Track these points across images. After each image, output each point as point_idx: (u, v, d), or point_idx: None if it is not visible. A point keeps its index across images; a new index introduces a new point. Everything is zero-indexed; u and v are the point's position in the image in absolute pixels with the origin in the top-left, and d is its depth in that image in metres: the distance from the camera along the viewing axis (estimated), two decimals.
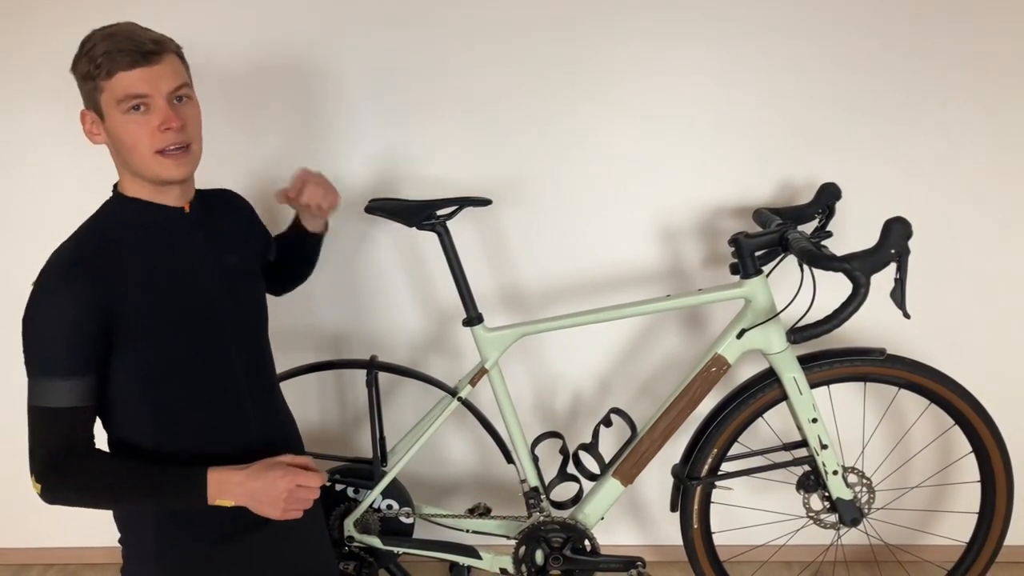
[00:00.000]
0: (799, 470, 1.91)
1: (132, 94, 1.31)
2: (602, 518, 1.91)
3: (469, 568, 1.98)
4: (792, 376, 1.79)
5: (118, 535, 1.48)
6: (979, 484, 1.96)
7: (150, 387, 1.39)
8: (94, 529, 2.40)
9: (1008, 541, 1.98)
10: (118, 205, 1.41)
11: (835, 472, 1.84)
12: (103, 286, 1.31)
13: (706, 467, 1.89)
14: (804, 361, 1.82)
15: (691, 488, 1.91)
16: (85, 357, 1.31)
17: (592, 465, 1.91)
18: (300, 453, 1.63)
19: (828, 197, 1.90)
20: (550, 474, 1.93)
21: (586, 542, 1.90)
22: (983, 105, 1.98)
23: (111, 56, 1.29)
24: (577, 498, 1.94)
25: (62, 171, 2.10)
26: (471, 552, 1.93)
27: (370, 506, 1.92)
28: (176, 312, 1.39)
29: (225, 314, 1.47)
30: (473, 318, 1.83)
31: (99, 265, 1.33)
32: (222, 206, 1.56)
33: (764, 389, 1.84)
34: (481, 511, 2.01)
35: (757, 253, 1.74)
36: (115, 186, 1.44)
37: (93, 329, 1.31)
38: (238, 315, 1.50)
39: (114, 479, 1.34)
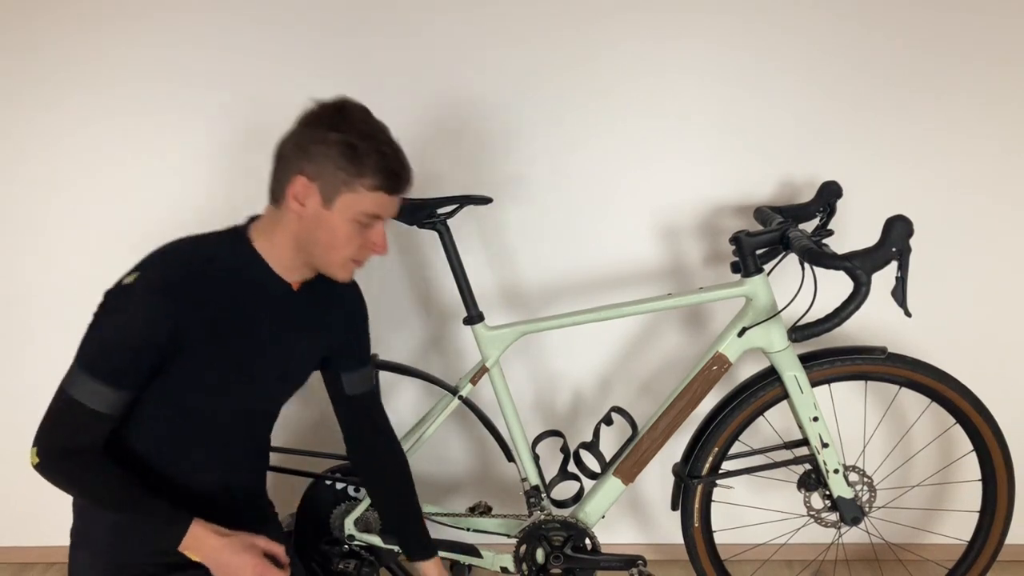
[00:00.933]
0: (800, 469, 1.90)
1: (374, 215, 1.35)
2: (603, 517, 1.91)
3: (470, 567, 1.98)
4: (793, 374, 1.79)
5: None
6: (980, 483, 1.96)
7: (167, 415, 1.40)
8: None
9: (1009, 540, 1.97)
10: (243, 250, 1.40)
11: (836, 471, 1.84)
12: (187, 316, 1.31)
13: (707, 466, 1.89)
14: (805, 359, 1.82)
15: (692, 487, 1.91)
16: (139, 375, 1.32)
17: (593, 464, 1.90)
18: (261, 502, 1.65)
19: (829, 195, 1.90)
20: (551, 473, 1.93)
21: (587, 541, 1.90)
22: (985, 103, 1.98)
23: (382, 176, 1.32)
24: (578, 497, 1.94)
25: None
26: (472, 551, 1.92)
27: (370, 504, 1.92)
28: (227, 368, 1.41)
29: (264, 386, 1.50)
30: (474, 316, 1.83)
31: (196, 295, 1.33)
32: (333, 298, 1.55)
33: (765, 388, 1.84)
34: (482, 510, 2.01)
35: (758, 251, 1.74)
36: (249, 226, 1.42)
37: (157, 351, 1.31)
38: (274, 390, 1.54)
39: (108, 489, 1.35)
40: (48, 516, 2.40)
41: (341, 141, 1.30)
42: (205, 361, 1.37)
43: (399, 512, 1.73)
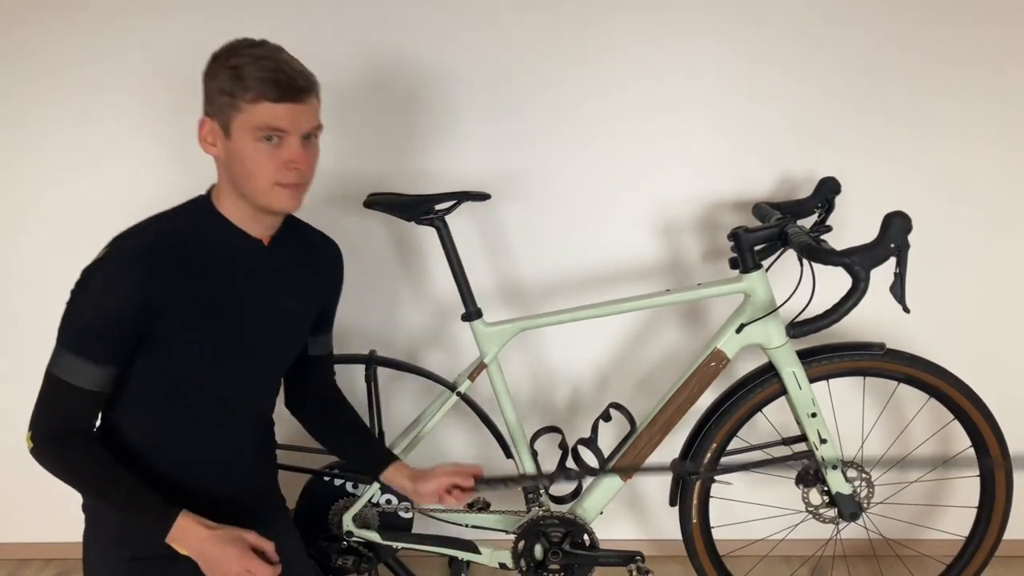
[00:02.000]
0: (798, 465, 1.90)
1: (272, 126, 1.31)
2: (601, 512, 1.91)
3: (468, 563, 1.98)
4: (791, 371, 1.79)
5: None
6: (978, 478, 1.96)
7: (160, 393, 1.41)
8: None
9: (1007, 535, 1.98)
10: (205, 214, 1.41)
11: (834, 466, 1.84)
12: (159, 286, 1.32)
13: (705, 461, 1.89)
14: (803, 356, 1.82)
15: (690, 483, 1.91)
16: (117, 348, 1.33)
17: (591, 460, 1.90)
18: (276, 502, 1.67)
19: (827, 191, 1.90)
20: (549, 468, 1.93)
21: (585, 536, 1.90)
22: (984, 99, 1.97)
23: (260, 83, 1.29)
24: (576, 493, 1.94)
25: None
26: (470, 547, 1.92)
27: (369, 501, 1.92)
28: (212, 335, 1.40)
29: (260, 351, 1.49)
30: (472, 313, 1.83)
31: (164, 266, 1.33)
32: (308, 251, 1.55)
33: (763, 384, 1.84)
34: (480, 506, 2.01)
35: (756, 247, 1.74)
36: (209, 193, 1.43)
37: (135, 324, 1.32)
38: (271, 354, 1.53)
39: (100, 476, 1.36)
40: (45, 512, 2.40)
41: (220, 68, 1.31)
42: (189, 330, 1.37)
43: (358, 442, 1.71)
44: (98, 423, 1.44)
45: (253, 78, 1.29)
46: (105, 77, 2.02)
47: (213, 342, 1.41)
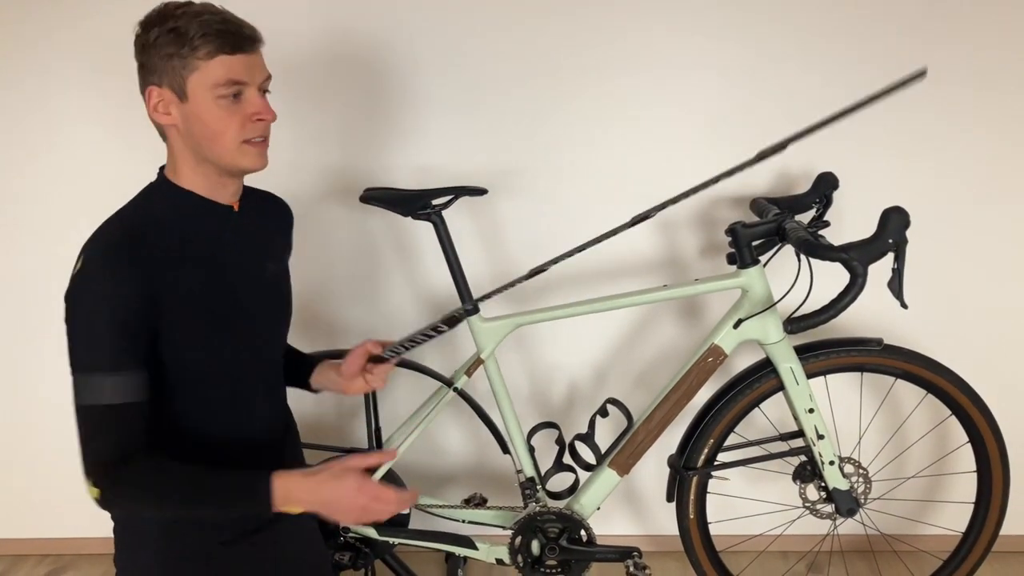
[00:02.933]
0: (795, 460, 1.91)
1: (233, 80, 1.27)
2: (598, 508, 1.91)
3: (465, 558, 1.98)
4: (789, 366, 1.79)
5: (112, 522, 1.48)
6: (975, 474, 1.96)
7: (181, 378, 1.34)
8: (89, 520, 2.40)
9: (1004, 530, 1.98)
10: (168, 194, 1.35)
11: (831, 462, 1.84)
12: (150, 273, 1.25)
13: (702, 457, 1.89)
14: (801, 351, 1.82)
15: (687, 478, 1.91)
16: (134, 348, 1.25)
17: (588, 455, 1.90)
18: (296, 444, 1.64)
19: (825, 187, 1.89)
20: (546, 464, 1.93)
21: (582, 532, 1.90)
22: (982, 95, 1.97)
23: (211, 38, 1.24)
24: (573, 488, 1.94)
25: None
26: (467, 542, 1.92)
27: None
28: (215, 308, 1.35)
29: (261, 316, 1.46)
30: (469, 308, 1.82)
31: (146, 251, 1.27)
32: (268, 210, 1.53)
33: (761, 379, 1.84)
34: (477, 501, 2.01)
35: (754, 243, 1.74)
36: (162, 173, 1.37)
37: (142, 319, 1.24)
38: (270, 317, 1.49)
39: (174, 488, 1.27)
40: (41, 508, 2.40)
41: (160, 33, 1.25)
42: (190, 311, 1.31)
43: (290, 363, 1.65)
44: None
45: (203, 35, 1.24)
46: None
47: (216, 319, 1.35)
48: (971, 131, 2.00)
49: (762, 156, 1.35)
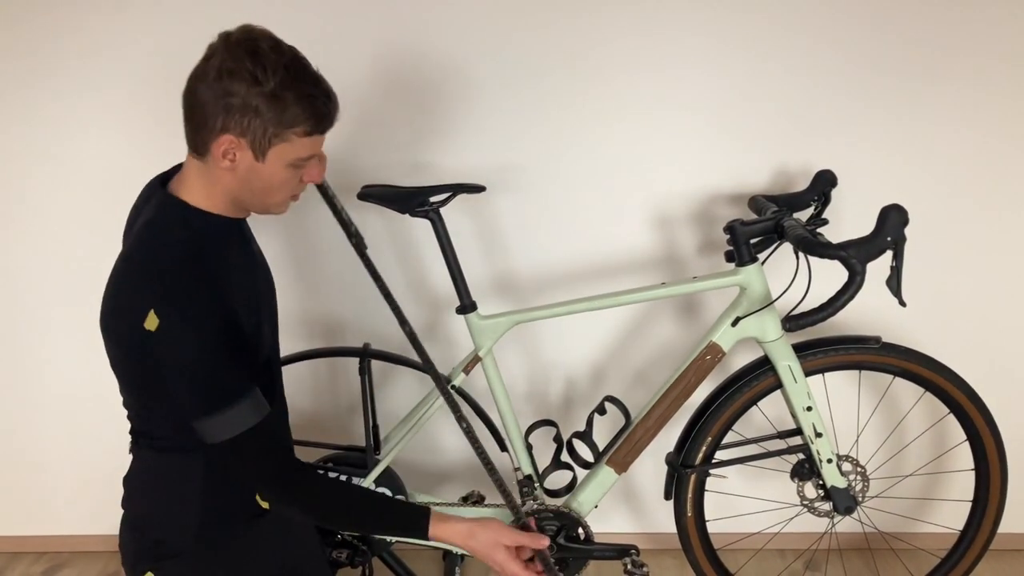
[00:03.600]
0: (793, 458, 1.90)
1: (313, 155, 1.32)
2: (596, 506, 1.91)
3: (462, 556, 1.98)
4: (787, 364, 1.79)
5: (116, 526, 1.48)
6: (973, 472, 1.96)
7: (257, 372, 1.39)
8: (86, 518, 2.40)
9: (1001, 529, 1.98)
10: (199, 218, 1.33)
11: (829, 460, 1.84)
12: (221, 297, 1.28)
13: (700, 455, 1.89)
14: (799, 349, 1.82)
15: (685, 476, 1.90)
16: (243, 366, 1.30)
17: (586, 453, 1.90)
18: None
19: (824, 184, 1.89)
20: (544, 462, 1.93)
21: (580, 530, 1.90)
22: (980, 93, 1.97)
23: (312, 121, 1.27)
24: (571, 486, 1.93)
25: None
26: None
27: None
28: (260, 304, 1.41)
29: (274, 303, 1.50)
30: (467, 305, 1.82)
31: (207, 283, 1.28)
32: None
33: (759, 377, 1.84)
34: (475, 499, 2.01)
35: (752, 240, 1.73)
36: (176, 195, 1.33)
37: (235, 337, 1.29)
38: (275, 313, 1.53)
39: (346, 506, 1.39)
40: (37, 506, 2.39)
41: (264, 94, 1.22)
42: (250, 311, 1.36)
43: None
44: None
45: (307, 115, 1.26)
46: (102, 73, 2.01)
47: (262, 313, 1.41)
48: (970, 129, 1.99)
49: None
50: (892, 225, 1.52)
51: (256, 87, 1.22)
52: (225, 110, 1.23)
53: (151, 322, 1.22)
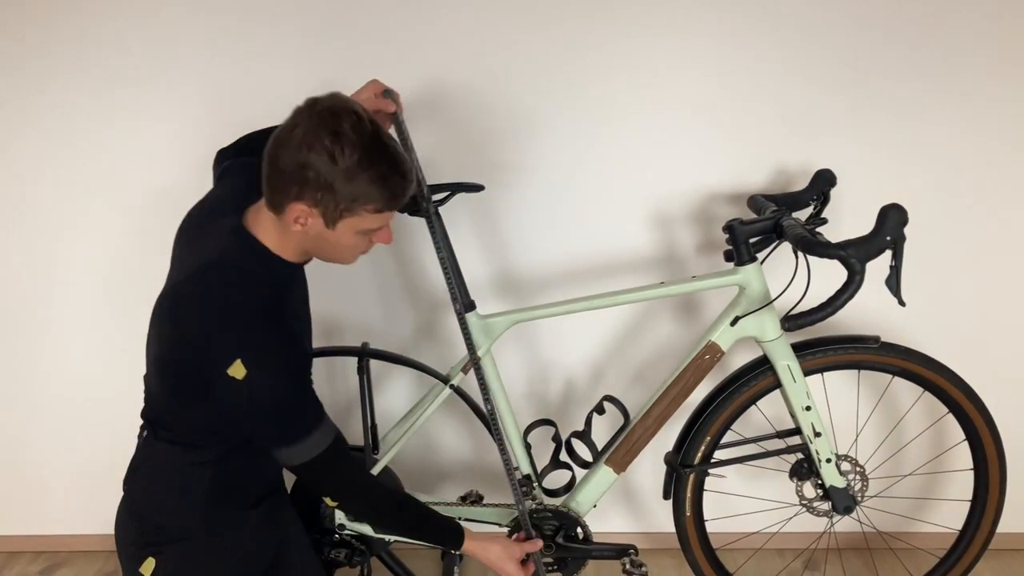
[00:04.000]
0: (792, 458, 1.90)
1: (383, 225, 1.40)
2: (595, 506, 1.91)
3: (461, 556, 1.97)
4: (786, 364, 1.79)
5: (114, 525, 1.48)
6: (972, 472, 1.96)
7: None
8: (83, 517, 2.39)
9: (1000, 528, 1.98)
10: (278, 265, 1.44)
11: (828, 460, 1.84)
12: (293, 335, 1.46)
13: (699, 455, 1.89)
14: (798, 349, 1.82)
15: (684, 476, 1.90)
16: (314, 392, 1.45)
17: (585, 453, 1.90)
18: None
19: (823, 184, 1.88)
20: (542, 462, 1.92)
21: (579, 530, 1.90)
22: (980, 93, 1.97)
23: (386, 202, 1.34)
24: (570, 486, 1.93)
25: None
26: None
27: None
28: (309, 336, 1.63)
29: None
30: (465, 305, 1.81)
31: (285, 327, 1.42)
32: None
33: (758, 377, 1.83)
34: (473, 499, 2.01)
35: (751, 240, 1.73)
36: (256, 229, 1.42)
37: (308, 370, 1.47)
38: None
39: (400, 517, 1.60)
40: (35, 505, 2.39)
41: (340, 172, 1.29)
42: (308, 345, 1.62)
43: None
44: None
45: (380, 195, 1.33)
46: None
47: (309, 342, 1.62)
48: (970, 129, 1.99)
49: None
50: (891, 224, 1.52)
51: (333, 165, 1.28)
52: (301, 182, 1.30)
53: (237, 371, 1.31)
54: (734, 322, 1.76)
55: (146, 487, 1.53)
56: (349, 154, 1.28)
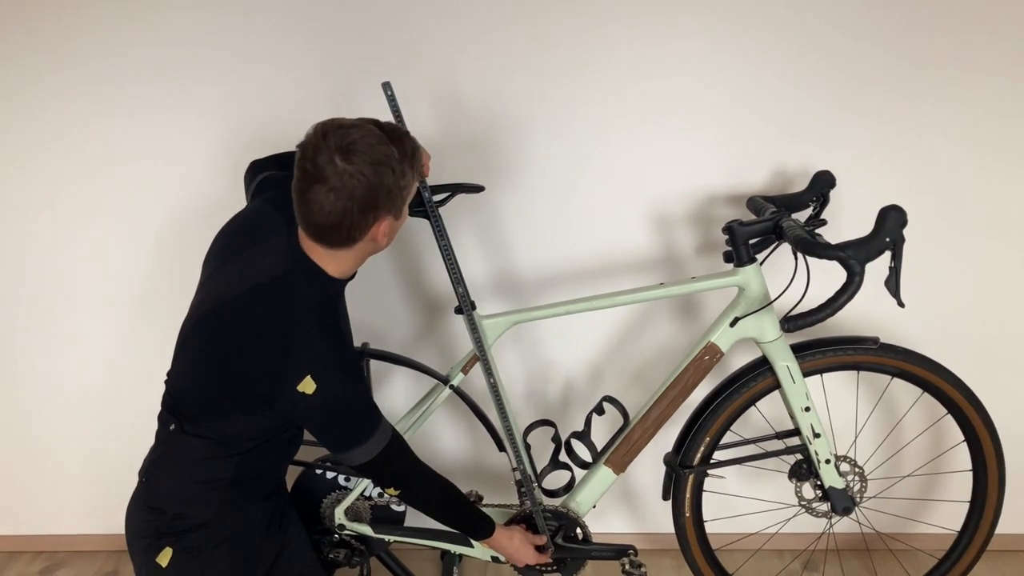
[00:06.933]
0: (792, 459, 1.91)
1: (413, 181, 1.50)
2: (594, 506, 1.91)
3: (460, 556, 1.98)
4: (785, 364, 1.79)
5: (114, 525, 1.49)
6: (971, 473, 1.97)
7: None
8: (83, 517, 2.39)
9: (999, 529, 1.98)
10: (331, 285, 1.52)
11: (827, 461, 1.84)
12: (350, 341, 1.63)
13: (698, 455, 1.89)
14: (797, 350, 1.82)
15: (683, 477, 1.90)
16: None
17: (584, 453, 1.90)
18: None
19: (822, 185, 1.89)
20: (542, 462, 1.93)
21: (578, 530, 1.90)
22: (980, 94, 1.97)
23: (421, 164, 1.49)
24: (569, 486, 1.93)
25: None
26: (462, 540, 1.92)
27: (361, 494, 1.91)
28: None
29: None
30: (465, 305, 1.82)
31: (344, 328, 1.59)
32: None
33: (757, 377, 1.84)
34: (473, 499, 2.01)
35: (751, 241, 1.73)
36: (320, 267, 1.49)
37: (361, 371, 1.70)
38: None
39: (446, 504, 1.70)
40: (35, 505, 2.39)
41: (399, 169, 1.40)
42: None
43: None
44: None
45: (418, 160, 1.47)
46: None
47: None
48: (970, 129, 1.99)
49: None
50: (891, 226, 1.52)
51: (391, 171, 1.39)
52: (373, 207, 1.40)
53: (307, 386, 1.42)
54: (733, 323, 1.76)
55: (168, 479, 1.59)
56: (408, 164, 1.42)
